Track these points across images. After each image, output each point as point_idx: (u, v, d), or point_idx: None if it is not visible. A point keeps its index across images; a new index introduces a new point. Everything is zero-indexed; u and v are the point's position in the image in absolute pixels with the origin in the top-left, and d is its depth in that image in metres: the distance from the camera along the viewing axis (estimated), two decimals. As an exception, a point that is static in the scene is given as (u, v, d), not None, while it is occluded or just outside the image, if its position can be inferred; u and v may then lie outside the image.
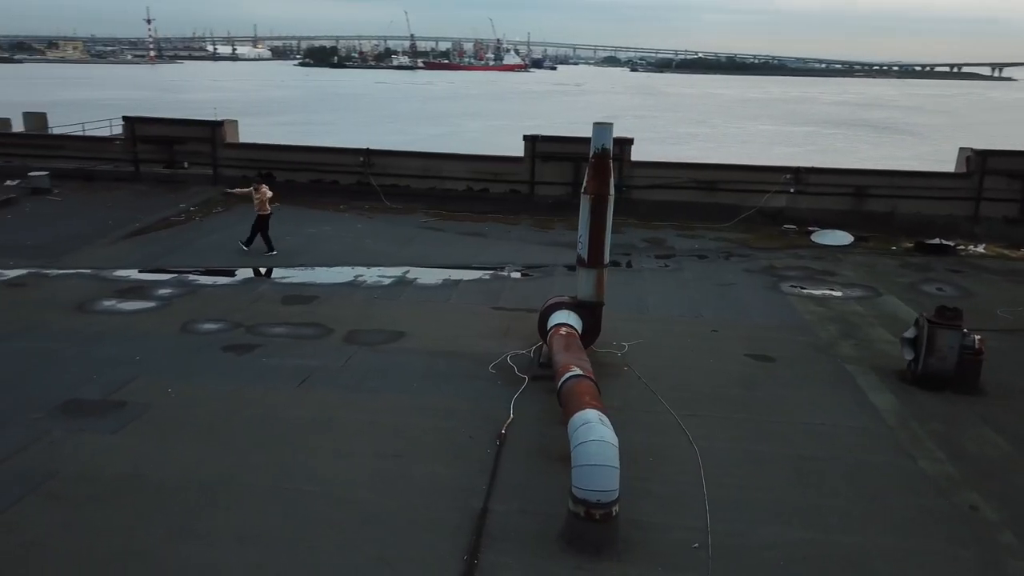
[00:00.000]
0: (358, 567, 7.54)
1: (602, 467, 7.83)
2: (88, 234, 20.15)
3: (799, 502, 9.01)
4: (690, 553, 7.99)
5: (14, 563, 7.40)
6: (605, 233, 12.28)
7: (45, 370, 11.87)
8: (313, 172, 25.50)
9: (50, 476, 8.93)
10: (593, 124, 12.25)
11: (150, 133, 26.08)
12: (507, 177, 24.98)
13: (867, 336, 14.84)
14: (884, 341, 14.46)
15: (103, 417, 10.43)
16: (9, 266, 17.31)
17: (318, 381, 11.89)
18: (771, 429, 10.81)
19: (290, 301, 15.73)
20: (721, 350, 13.79)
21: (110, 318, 14.44)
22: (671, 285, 17.96)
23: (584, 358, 10.58)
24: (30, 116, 42.63)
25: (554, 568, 7.67)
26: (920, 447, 10.47)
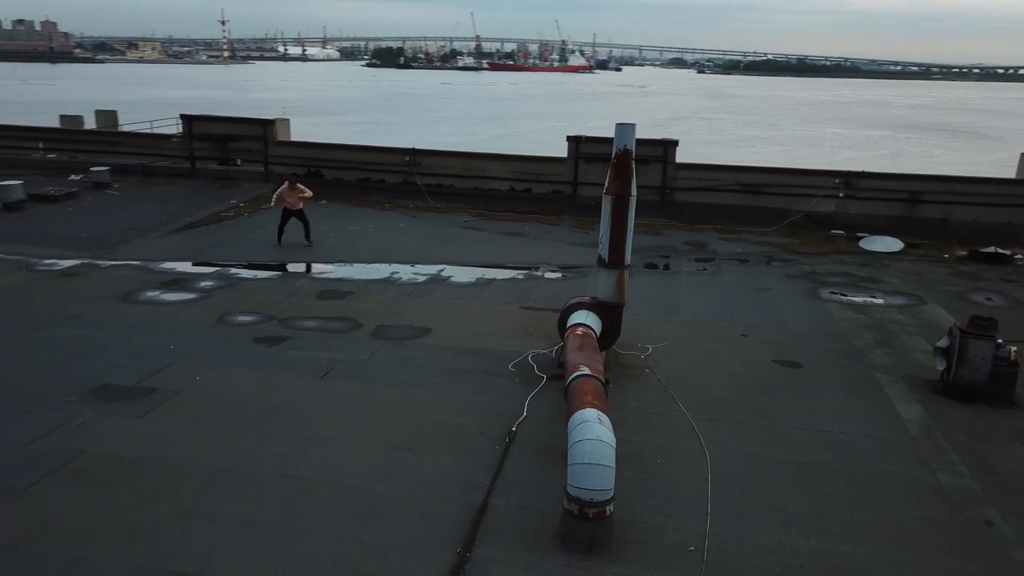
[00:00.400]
0: (352, 554, 7.73)
1: (597, 466, 7.85)
2: (141, 227, 20.96)
3: (803, 509, 8.87)
4: (685, 555, 7.96)
5: (30, 536, 7.80)
6: (626, 234, 12.26)
7: (83, 356, 12.42)
8: (360, 171, 25.98)
9: (76, 456, 9.37)
10: (616, 125, 12.23)
11: (206, 131, 26.96)
12: (550, 177, 25.04)
13: (903, 345, 14.47)
14: (921, 351, 14.08)
15: (132, 402, 10.88)
16: (65, 256, 18.14)
17: (341, 373, 12.17)
18: (786, 435, 10.66)
19: (325, 296, 16.10)
20: (747, 355, 13.63)
21: (152, 308, 15.01)
22: (706, 288, 17.77)
23: (596, 358, 10.60)
24: (101, 114, 44.46)
25: (545, 564, 7.74)
26: (941, 459, 10.19)
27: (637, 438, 10.45)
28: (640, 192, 23.86)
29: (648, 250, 21.04)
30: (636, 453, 10.04)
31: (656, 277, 18.57)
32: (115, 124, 41.83)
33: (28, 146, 28.24)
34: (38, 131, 29.13)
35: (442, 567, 7.59)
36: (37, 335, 13.31)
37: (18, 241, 19.19)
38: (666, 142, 24.62)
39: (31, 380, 11.45)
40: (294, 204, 19.66)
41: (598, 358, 10.70)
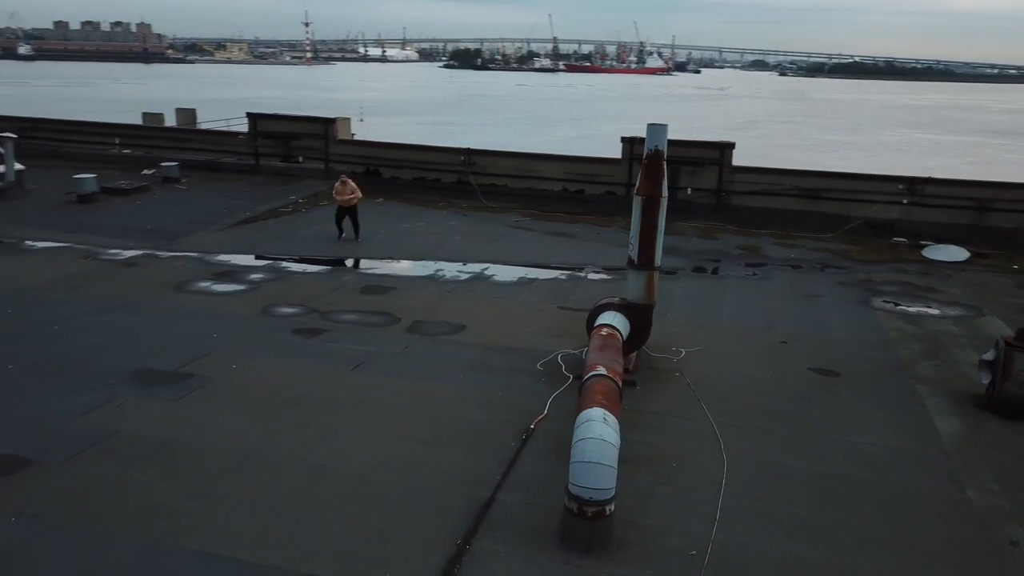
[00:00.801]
0: (353, 541, 7.91)
1: (597, 465, 7.86)
2: (203, 220, 21.76)
3: (817, 520, 8.67)
4: (685, 559, 7.88)
5: (55, 508, 8.24)
6: (656, 235, 12.15)
7: (131, 341, 13.00)
8: (417, 170, 26.37)
9: (110, 435, 9.84)
10: (647, 125, 12.14)
11: (270, 129, 27.79)
12: (603, 179, 24.95)
13: (952, 357, 13.95)
14: (970, 364, 13.50)
15: (169, 386, 11.35)
16: (129, 247, 18.99)
17: (371, 366, 12.43)
18: (811, 445, 10.42)
19: (368, 291, 16.44)
20: (785, 362, 13.35)
21: (202, 298, 15.58)
22: (752, 294, 17.45)
23: (616, 359, 10.56)
24: (181, 111, 46.26)
25: (542, 560, 7.78)
26: (974, 476, 9.81)
27: (656, 441, 10.39)
28: (694, 195, 23.89)
29: (698, 253, 20.78)
30: (653, 456, 9.99)
31: (702, 281, 18.33)
32: (193, 122, 43.46)
33: (106, 142, 29.62)
34: (115, 127, 30.50)
35: (440, 558, 7.70)
36: (92, 320, 13.98)
37: (88, 232, 20.16)
38: (722, 144, 24.25)
39: (81, 362, 12.05)
40: (346, 201, 20.11)
41: (618, 359, 10.65)
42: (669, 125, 12.09)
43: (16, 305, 14.59)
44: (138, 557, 7.53)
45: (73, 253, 18.30)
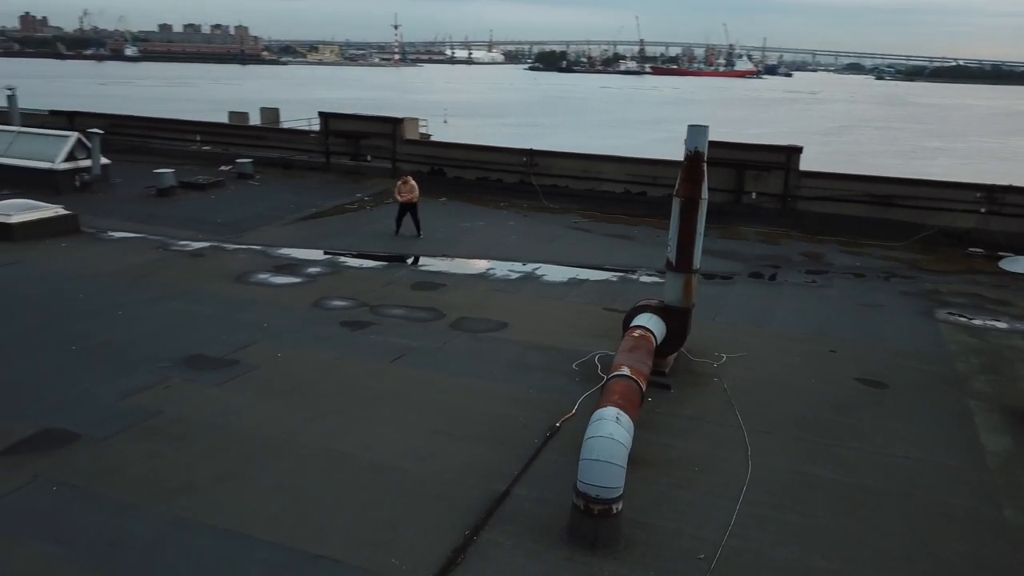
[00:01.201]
0: (365, 526, 8.14)
1: (604, 463, 7.88)
2: (271, 215, 22.56)
3: (837, 532, 8.46)
4: (691, 563, 7.82)
5: (94, 480, 8.75)
6: (695, 237, 12.05)
7: (187, 327, 13.62)
8: (480, 170, 26.67)
9: (154, 415, 10.36)
10: (688, 126, 12.07)
11: (340, 128, 28.56)
12: (666, 181, 24.64)
13: (1014, 373, 13.33)
14: (1031, 380, 12.95)
15: (216, 371, 11.87)
16: (198, 239, 19.86)
17: (410, 360, 12.70)
18: (845, 456, 10.14)
19: (419, 287, 16.77)
20: (830, 371, 13.01)
21: (259, 289, 16.18)
22: (808, 301, 17.04)
23: (644, 360, 10.52)
24: (265, 111, 47.96)
25: (546, 555, 7.84)
26: (1016, 496, 9.38)
27: (683, 444, 10.31)
28: (758, 199, 23.46)
29: (757, 259, 20.40)
30: (677, 459, 9.92)
31: (757, 287, 18.00)
32: (276, 120, 45.03)
33: (188, 139, 30.97)
34: (196, 125, 31.85)
35: (446, 546, 7.86)
36: (155, 307, 14.70)
37: (163, 223, 21.17)
38: (789, 148, 23.71)
39: (138, 345, 12.71)
40: (406, 199, 20.53)
41: (646, 361, 10.61)
42: (758, 131, 11.92)
43: (88, 290, 15.46)
44: (162, 530, 7.93)
45: (147, 243, 19.26)
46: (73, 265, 17.01)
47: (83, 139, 24.71)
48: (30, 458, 9.12)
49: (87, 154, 24.73)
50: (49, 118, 31.40)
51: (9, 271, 16.43)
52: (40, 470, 8.87)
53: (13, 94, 28.15)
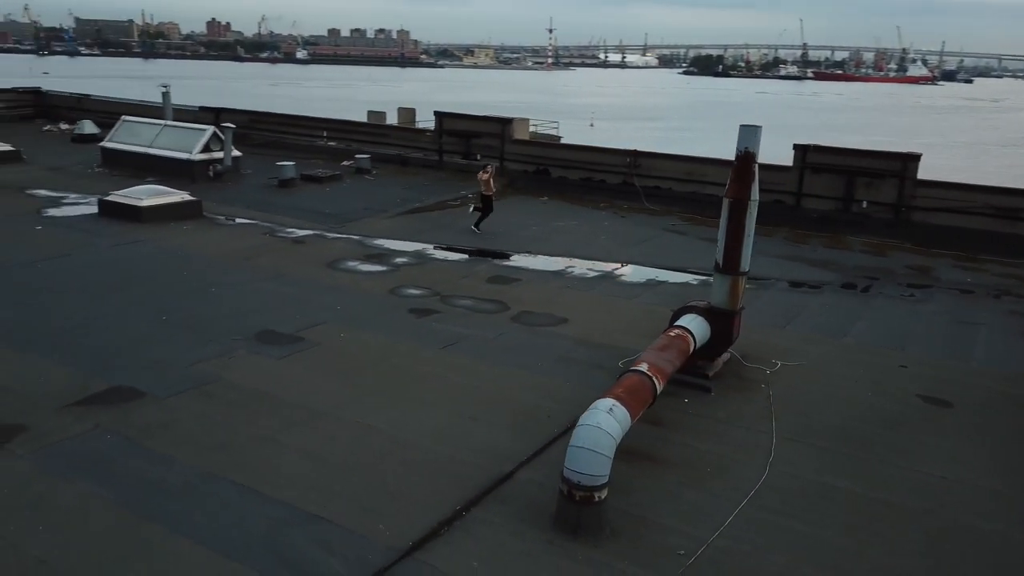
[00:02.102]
0: (367, 494, 8.66)
1: (588, 451, 8.06)
2: (376, 208, 23.74)
3: (837, 544, 8.21)
4: (670, 557, 7.85)
5: (143, 432, 9.77)
6: (743, 239, 11.87)
7: (268, 306, 14.71)
8: (584, 170, 26.85)
9: (214, 380, 11.38)
10: (740, 126, 11.91)
11: (453, 127, 29.51)
12: (772, 186, 23.94)
13: (1108, 403, 12.24)
14: None
15: (279, 346, 12.82)
16: (304, 227, 21.22)
17: (461, 347, 13.19)
18: (874, 470, 9.75)
19: (494, 280, 17.25)
20: (891, 386, 12.42)
21: (344, 275, 17.17)
22: (895, 315, 16.20)
23: (671, 359, 10.52)
24: (403, 111, 50.04)
25: (528, 535, 8.11)
26: (1057, 527, 8.75)
27: (705, 446, 10.25)
28: (870, 208, 22.41)
29: (857, 269, 19.52)
30: (693, 459, 9.89)
31: (844, 297, 17.27)
32: (412, 120, 46.93)
33: (316, 135, 32.91)
34: (324, 122, 33.77)
35: (434, 518, 8.27)
36: (246, 286, 15.94)
37: (277, 212, 22.75)
38: (905, 156, 22.46)
39: (221, 320, 13.88)
40: (483, 190, 21.28)
41: (674, 360, 10.60)
42: (922, 141, 11.73)
43: (194, 269, 16.95)
44: (190, 481, 8.78)
45: (258, 229, 20.79)
46: (187, 246, 18.66)
47: (218, 133, 26.89)
48: (96, 410, 10.28)
49: (221, 146, 26.89)
50: (199, 114, 34.25)
51: (131, 248, 18.25)
52: (101, 420, 10.00)
53: (167, 91, 30.95)
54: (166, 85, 31.18)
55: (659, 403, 11.34)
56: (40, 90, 40.41)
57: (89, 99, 38.49)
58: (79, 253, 17.58)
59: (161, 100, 31.45)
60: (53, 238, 18.79)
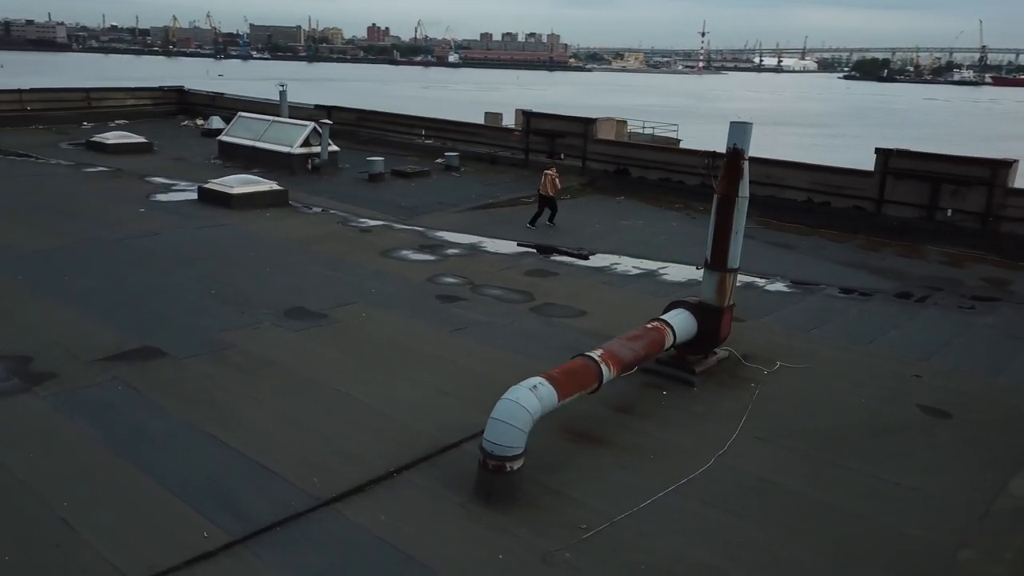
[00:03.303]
0: (326, 454, 9.43)
1: (503, 423, 8.55)
2: (449, 203, 24.75)
3: (748, 537, 8.27)
4: (571, 531, 8.20)
5: (151, 386, 11.04)
6: (730, 235, 11.86)
7: (309, 287, 15.89)
8: (663, 171, 26.78)
9: (231, 347, 12.59)
10: (730, 123, 11.92)
11: (539, 127, 30.11)
12: (851, 192, 23.13)
13: None
14: None
15: (301, 321, 13.94)
16: (377, 218, 22.49)
17: (471, 332, 13.85)
18: (835, 475, 9.60)
19: (533, 273, 17.77)
20: (898, 395, 12.03)
21: (393, 262, 18.19)
22: (941, 326, 15.45)
23: (634, 348, 10.76)
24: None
25: (445, 499, 8.70)
26: (997, 543, 8.40)
27: (659, 435, 10.45)
28: (955, 217, 21.26)
29: (921, 279, 18.60)
30: (643, 446, 10.13)
31: (890, 306, 16.60)
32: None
33: (415, 132, 34.42)
34: (422, 120, 35.21)
35: (366, 476, 9.00)
36: (299, 268, 17.24)
37: (357, 203, 24.18)
38: (996, 162, 21.12)
39: (261, 296, 15.17)
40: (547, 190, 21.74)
41: (639, 350, 10.83)
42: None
43: (259, 252, 18.44)
44: (174, 430, 9.89)
45: (332, 219, 22.25)
46: (262, 231, 20.29)
47: (317, 129, 28.77)
48: (121, 365, 11.68)
49: (320, 142, 28.76)
50: (314, 111, 36.58)
51: (212, 231, 20.07)
52: (120, 373, 11.37)
53: (284, 90, 33.32)
54: (283, 84, 33.55)
55: (637, 393, 11.73)
56: (183, 89, 44.34)
57: (222, 97, 41.91)
58: (166, 233, 19.54)
59: (279, 98, 33.82)
60: (150, 219, 20.94)
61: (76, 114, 38.31)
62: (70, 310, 13.89)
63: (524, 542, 7.98)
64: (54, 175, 26.52)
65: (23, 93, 37.76)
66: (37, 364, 11.52)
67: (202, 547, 7.59)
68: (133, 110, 40.88)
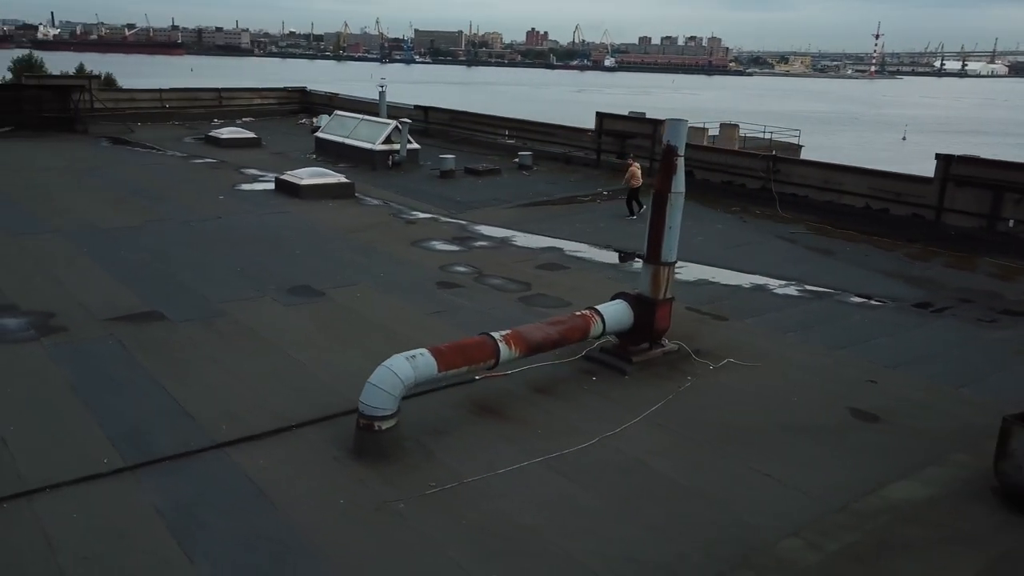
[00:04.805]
0: (242, 405, 10.66)
1: (375, 387, 9.46)
2: (503, 199, 25.68)
3: (586, 506, 8.79)
4: (420, 486, 8.99)
5: (137, 344, 12.68)
6: (664, 230, 12.12)
7: (326, 269, 17.27)
8: (726, 174, 26.48)
9: (223, 315, 14.14)
10: (668, 120, 12.22)
11: (611, 128, 30.41)
12: (911, 199, 22.08)
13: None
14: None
15: (300, 297, 15.33)
16: (428, 211, 23.77)
17: (445, 315, 14.74)
18: (711, 464, 9.82)
19: (545, 267, 18.40)
20: (833, 397, 11.89)
21: (418, 251, 19.33)
22: (940, 337, 14.83)
23: (549, 333, 11.34)
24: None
25: (327, 450, 9.69)
26: (828, 537, 8.42)
27: (562, 414, 10.96)
28: (1018, 228, 20.02)
29: (955, 291, 17.67)
30: (535, 421, 10.73)
31: (898, 315, 16.01)
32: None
33: (499, 132, 35.54)
34: (506, 121, 36.22)
35: (269, 426, 10.13)
36: (330, 253, 18.68)
37: (417, 198, 25.56)
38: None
39: (279, 274, 16.69)
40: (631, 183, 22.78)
41: (553, 334, 11.40)
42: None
43: (307, 237, 20.07)
44: (134, 378, 11.43)
45: (386, 211, 23.73)
46: (317, 219, 22.01)
47: (399, 127, 30.48)
48: (122, 324, 13.44)
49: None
50: (414, 111, 38.54)
51: (272, 217, 22.01)
52: (118, 331, 13.12)
53: (383, 90, 35.41)
54: (383, 84, 35.63)
55: (568, 377, 12.35)
56: (305, 89, 47.69)
57: (338, 97, 44.76)
58: (228, 217, 21.65)
59: (378, 97, 35.97)
60: (224, 205, 23.19)
61: (208, 112, 42.28)
62: (108, 277, 15.96)
63: (371, 492, 8.84)
64: (164, 165, 29.67)
65: (163, 92, 42.12)
66: (57, 320, 13.49)
67: (95, 470, 8.96)
68: (259, 108, 44.55)
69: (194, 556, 7.62)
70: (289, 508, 8.48)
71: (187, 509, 8.35)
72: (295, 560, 7.65)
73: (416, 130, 37.01)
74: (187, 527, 8.05)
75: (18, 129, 34.77)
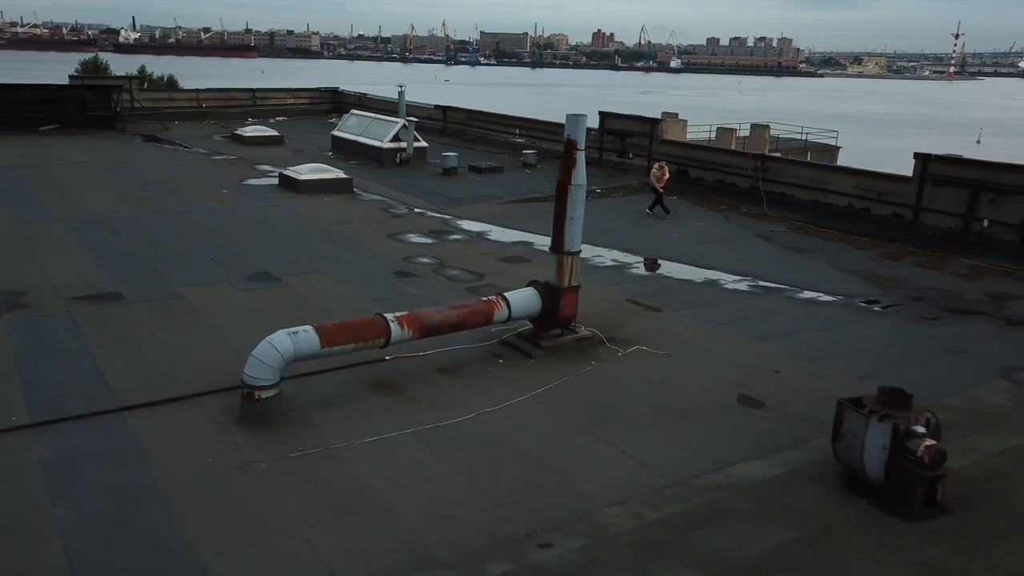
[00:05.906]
0: (161, 377, 11.60)
1: (255, 359, 10.28)
2: (495, 195, 26.32)
3: (439, 470, 9.43)
4: (290, 450, 9.75)
5: (90, 320, 13.78)
6: (565, 220, 12.63)
7: (295, 258, 18.22)
8: (719, 172, 26.57)
9: (179, 298, 15.16)
10: (566, 115, 12.72)
11: (612, 126, 30.71)
12: (891, 198, 21.90)
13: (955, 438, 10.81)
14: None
15: (256, 283, 16.29)
16: (418, 206, 24.58)
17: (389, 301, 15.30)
18: (573, 440, 10.35)
19: (506, 260, 19.03)
20: (729, 384, 12.19)
21: (390, 243, 20.14)
22: (873, 333, 14.92)
23: (448, 316, 12.00)
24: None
25: (216, 416, 10.53)
26: (651, 508, 8.85)
27: (453, 392, 11.58)
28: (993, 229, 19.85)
29: (916, 291, 17.60)
30: (425, 397, 11.38)
31: (838, 310, 16.13)
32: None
33: (510, 131, 36.17)
34: (517, 120, 36.81)
35: (173, 394, 11.03)
36: (306, 244, 19.63)
37: (412, 193, 26.41)
38: (1038, 169, 19.27)
39: (247, 262, 17.69)
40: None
41: (452, 318, 12.04)
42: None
43: (291, 229, 21.07)
44: (74, 348, 12.49)
45: (377, 205, 24.64)
46: (309, 212, 23.04)
47: (406, 125, 31.40)
48: (82, 303, 14.57)
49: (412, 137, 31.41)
50: (433, 111, 39.48)
51: (265, 210, 23.13)
52: (74, 309, 14.25)
53: (402, 91, 36.39)
54: (402, 85, 36.64)
55: (476, 359, 12.92)
56: (337, 89, 49.15)
57: (367, 97, 46.05)
58: (224, 210, 22.86)
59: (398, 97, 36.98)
60: (225, 198, 24.43)
61: (243, 111, 44.01)
62: (88, 262, 17.19)
63: (240, 454, 9.64)
64: (184, 161, 31.24)
65: (200, 92, 44.05)
66: (24, 298, 14.71)
67: (2, 426, 9.98)
68: (292, 108, 46.19)
69: (58, 501, 8.52)
70: (159, 464, 9.34)
71: (68, 462, 9.28)
72: (147, 505, 8.49)
73: (435, 129, 38.06)
74: (62, 477, 8.97)
75: (62, 127, 36.94)
